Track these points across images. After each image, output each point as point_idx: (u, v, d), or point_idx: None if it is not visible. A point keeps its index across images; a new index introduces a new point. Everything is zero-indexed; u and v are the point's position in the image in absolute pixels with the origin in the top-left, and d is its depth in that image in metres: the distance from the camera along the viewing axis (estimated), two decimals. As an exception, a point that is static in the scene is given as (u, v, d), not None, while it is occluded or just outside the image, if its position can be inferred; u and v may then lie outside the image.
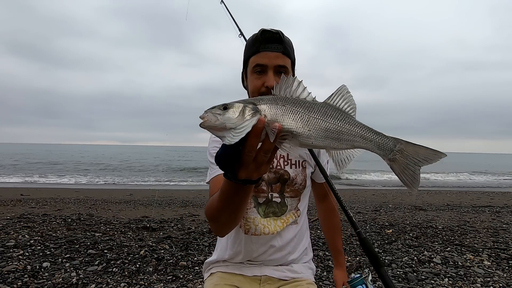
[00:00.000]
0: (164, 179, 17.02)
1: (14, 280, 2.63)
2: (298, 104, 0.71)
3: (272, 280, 1.26)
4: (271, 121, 0.68)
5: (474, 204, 7.91)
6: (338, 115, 0.73)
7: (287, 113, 0.70)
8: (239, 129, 0.66)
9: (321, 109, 0.72)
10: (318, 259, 3.35)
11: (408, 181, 0.73)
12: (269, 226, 1.24)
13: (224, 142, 0.66)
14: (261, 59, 1.17)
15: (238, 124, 0.66)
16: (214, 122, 0.68)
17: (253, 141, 0.67)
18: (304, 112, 0.70)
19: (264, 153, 0.69)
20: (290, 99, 0.72)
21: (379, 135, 0.74)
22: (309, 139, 0.70)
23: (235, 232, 1.26)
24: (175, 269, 3.02)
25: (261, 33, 1.18)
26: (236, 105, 0.69)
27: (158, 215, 5.64)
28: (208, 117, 0.68)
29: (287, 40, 1.20)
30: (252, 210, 1.24)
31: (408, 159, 0.73)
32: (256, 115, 0.67)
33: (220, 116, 0.67)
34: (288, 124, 0.69)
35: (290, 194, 1.27)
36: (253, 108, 0.69)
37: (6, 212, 5.47)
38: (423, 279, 2.87)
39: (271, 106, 0.70)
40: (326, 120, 0.71)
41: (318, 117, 0.71)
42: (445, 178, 20.38)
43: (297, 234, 1.30)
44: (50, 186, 12.39)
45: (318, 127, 0.71)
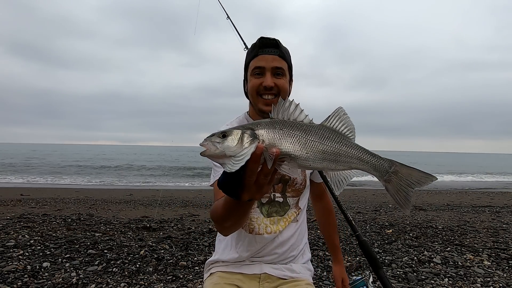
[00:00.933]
0: (164, 179, 17.02)
1: (14, 280, 2.62)
2: (296, 127, 0.73)
3: (271, 279, 1.27)
4: (269, 145, 0.70)
5: (474, 204, 7.91)
6: (335, 137, 0.75)
7: (284, 136, 0.72)
8: (239, 157, 0.67)
9: (318, 131, 0.74)
10: (318, 259, 3.35)
11: (402, 202, 0.76)
12: (272, 226, 1.27)
13: (225, 169, 0.68)
14: (259, 62, 1.25)
15: (237, 152, 0.68)
16: (214, 151, 0.70)
17: (253, 167, 0.69)
18: (302, 135, 0.72)
19: (264, 176, 0.72)
20: (288, 122, 0.74)
21: (375, 157, 0.76)
22: (307, 162, 0.72)
23: (237, 232, 1.29)
24: (175, 269, 3.02)
25: (259, 40, 1.27)
26: (235, 132, 0.70)
27: (158, 215, 5.64)
28: (208, 146, 0.70)
29: (283, 47, 1.29)
30: (255, 210, 1.28)
31: (402, 180, 0.76)
32: (255, 142, 0.69)
33: (219, 145, 0.69)
34: (286, 147, 0.71)
35: (291, 194, 1.31)
36: (251, 134, 0.71)
37: (6, 212, 5.47)
38: (423, 279, 2.87)
39: (269, 130, 0.72)
40: (323, 143, 0.73)
41: (315, 139, 0.73)
42: (445, 179, 20.38)
43: (296, 231, 1.34)
44: (50, 186, 12.39)
45: (315, 149, 0.73)
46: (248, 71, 1.30)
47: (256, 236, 1.26)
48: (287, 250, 1.31)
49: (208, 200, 7.93)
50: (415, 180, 0.76)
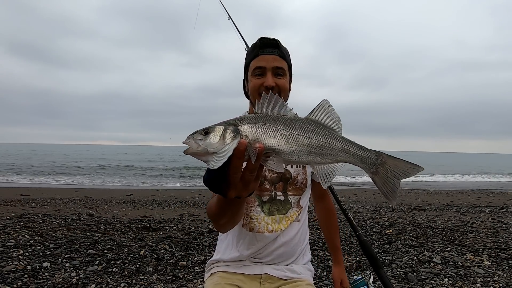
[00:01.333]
0: (164, 179, 17.02)
1: (14, 280, 2.62)
2: (279, 122, 0.72)
3: (272, 279, 1.27)
4: (253, 141, 0.69)
5: (474, 204, 7.91)
6: (319, 130, 0.73)
7: (268, 131, 0.70)
8: (221, 153, 0.66)
9: (302, 125, 0.73)
10: (318, 259, 3.35)
11: (389, 194, 0.75)
12: (273, 224, 1.28)
13: (209, 166, 0.67)
14: (260, 62, 1.25)
15: (220, 148, 0.66)
16: (196, 148, 0.68)
17: (237, 163, 0.68)
18: (286, 129, 0.71)
19: (250, 173, 0.70)
20: (271, 117, 0.72)
21: (361, 149, 0.75)
22: (292, 156, 0.71)
23: (238, 231, 1.29)
24: (175, 269, 3.02)
25: (259, 40, 1.28)
26: (217, 128, 0.69)
27: (158, 215, 5.64)
28: (190, 143, 0.69)
29: (283, 47, 1.30)
30: (256, 208, 1.28)
31: (389, 172, 0.75)
32: (237, 138, 0.68)
33: (202, 142, 0.68)
34: (269, 142, 0.70)
35: (292, 192, 1.32)
36: (234, 130, 0.69)
37: (6, 212, 5.47)
38: (423, 279, 2.87)
39: (252, 125, 0.70)
40: (308, 136, 0.72)
41: (299, 133, 0.72)
42: (445, 178, 20.38)
43: (299, 230, 1.34)
44: (50, 186, 12.40)
45: (300, 143, 0.71)
46: (249, 71, 1.31)
47: (257, 234, 1.26)
48: (289, 250, 1.30)
49: (208, 200, 7.93)
50: (401, 171, 0.75)
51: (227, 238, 1.35)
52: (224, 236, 1.37)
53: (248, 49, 1.37)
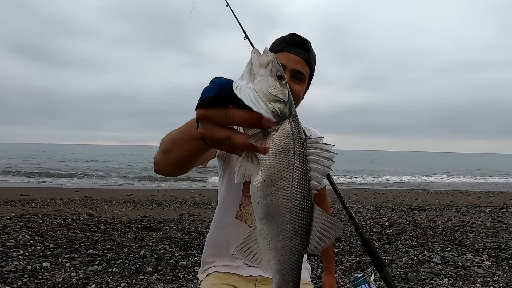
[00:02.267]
0: (164, 179, 17.01)
1: (14, 280, 2.62)
2: (305, 162, 0.54)
3: (268, 281, 1.26)
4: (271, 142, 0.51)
5: (474, 204, 7.91)
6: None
7: (290, 160, 0.52)
8: (256, 94, 0.49)
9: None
10: (318, 259, 3.35)
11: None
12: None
13: (235, 86, 0.49)
14: (282, 59, 1.14)
15: (264, 90, 0.50)
16: (257, 64, 0.52)
17: (245, 115, 0.49)
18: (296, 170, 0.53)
19: (230, 140, 0.51)
20: (309, 151, 0.55)
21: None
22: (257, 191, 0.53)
23: (231, 224, 1.26)
24: (175, 269, 3.02)
25: (290, 35, 1.17)
26: (287, 92, 0.53)
27: (158, 215, 5.64)
28: (264, 60, 0.53)
29: (312, 52, 1.20)
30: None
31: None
32: (284, 113, 0.51)
33: (266, 73, 0.52)
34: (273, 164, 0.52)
35: None
36: (289, 108, 0.53)
37: (6, 212, 5.47)
38: (423, 279, 2.87)
39: (297, 129, 0.54)
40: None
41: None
42: (445, 179, 20.37)
43: None
44: (50, 186, 12.39)
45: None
46: None
47: (247, 227, 1.23)
48: None
49: (208, 200, 7.93)
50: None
51: (219, 229, 1.31)
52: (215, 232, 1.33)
53: (276, 40, 1.24)
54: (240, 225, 1.25)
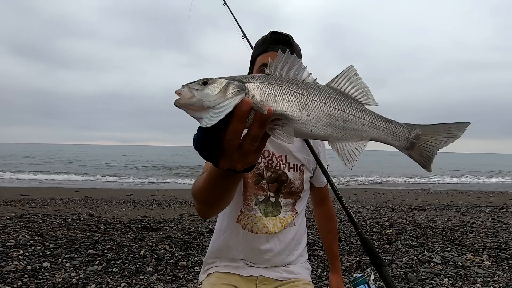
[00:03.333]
0: (164, 179, 17.02)
1: (14, 280, 2.62)
2: (296, 84, 0.60)
3: (268, 281, 1.26)
4: (261, 102, 0.57)
5: (474, 204, 7.90)
6: (343, 99, 0.62)
7: (281, 94, 0.58)
8: (218, 108, 0.54)
9: (323, 91, 0.61)
10: (318, 259, 3.35)
11: (424, 163, 0.66)
12: (268, 225, 1.24)
13: (201, 124, 0.55)
14: (267, 59, 1.11)
15: (218, 102, 0.55)
16: (189, 98, 0.56)
17: (236, 126, 0.55)
18: (303, 93, 0.59)
19: (250, 141, 0.57)
20: (286, 78, 0.61)
21: (391, 124, 0.64)
22: (308, 126, 0.59)
23: (231, 227, 1.26)
24: (175, 269, 3.02)
25: (271, 34, 1.19)
26: (219, 80, 0.57)
27: (158, 215, 5.64)
28: (184, 92, 0.57)
29: (296, 45, 1.21)
30: (253, 207, 1.24)
31: (426, 143, 0.65)
32: (241, 94, 0.56)
33: (198, 92, 0.56)
34: (282, 107, 0.58)
35: (285, 196, 1.27)
36: (239, 85, 0.57)
37: (6, 212, 5.47)
38: (423, 279, 2.87)
39: (263, 85, 0.58)
40: (329, 104, 0.60)
41: (319, 100, 0.60)
42: (445, 179, 20.38)
43: (294, 236, 1.30)
44: (50, 186, 12.39)
45: (319, 111, 0.59)
46: (255, 66, 1.23)
47: (249, 233, 1.24)
48: (285, 257, 1.28)
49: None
50: (444, 136, 0.65)
51: (220, 234, 1.31)
52: (217, 235, 1.33)
53: (257, 41, 1.27)
54: (240, 230, 1.25)
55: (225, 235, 1.28)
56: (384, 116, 0.64)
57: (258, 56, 1.22)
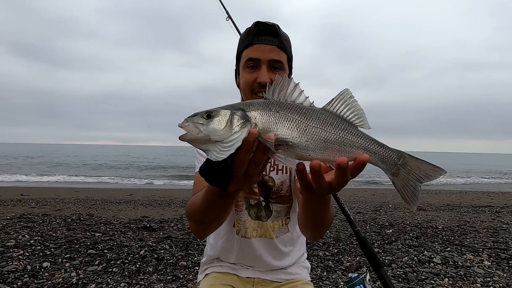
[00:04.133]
0: (164, 179, 17.01)
1: (14, 280, 2.62)
2: (294, 111, 0.64)
3: (266, 282, 1.25)
4: (263, 130, 0.61)
5: (474, 204, 7.90)
6: (339, 123, 0.65)
7: (281, 120, 0.62)
8: (227, 143, 0.56)
9: (320, 116, 0.64)
10: (318, 259, 3.35)
11: (409, 198, 0.69)
12: (259, 229, 1.20)
13: (210, 157, 0.57)
14: (253, 53, 1.08)
15: (226, 136, 0.57)
16: (196, 134, 0.58)
17: (244, 156, 0.59)
18: (301, 119, 0.63)
19: (255, 166, 0.61)
20: (285, 104, 0.64)
21: (383, 148, 0.67)
22: (307, 151, 0.63)
23: (227, 233, 1.24)
24: (175, 269, 3.02)
25: (255, 25, 1.08)
26: (223, 112, 0.60)
27: (158, 215, 5.64)
28: (189, 128, 0.59)
29: (283, 34, 1.11)
30: (244, 212, 1.21)
31: (410, 174, 0.69)
32: (247, 126, 0.58)
33: (204, 127, 0.58)
34: (283, 133, 0.62)
35: (276, 201, 1.21)
36: (243, 116, 0.60)
37: (6, 212, 5.47)
38: (423, 279, 2.87)
39: (263, 112, 0.62)
40: (327, 130, 0.64)
41: (317, 125, 0.63)
42: (445, 179, 20.37)
43: (290, 241, 1.26)
44: (50, 186, 12.39)
45: (317, 137, 0.63)
46: (241, 62, 1.13)
47: (243, 239, 1.21)
48: (280, 261, 1.25)
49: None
50: (423, 173, 0.69)
51: (216, 239, 1.29)
52: (215, 240, 1.30)
53: (242, 34, 1.16)
54: (235, 235, 1.23)
55: (223, 239, 1.26)
56: (376, 140, 0.68)
57: (243, 50, 1.11)
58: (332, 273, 3.02)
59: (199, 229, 0.92)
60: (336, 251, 3.61)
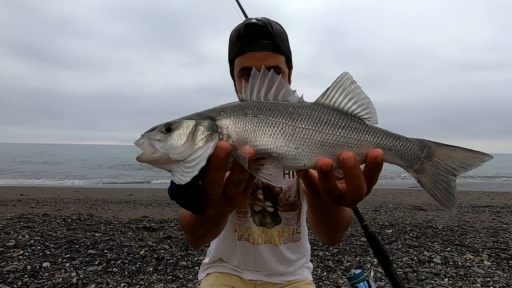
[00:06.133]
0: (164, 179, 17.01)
1: (14, 280, 2.62)
2: (277, 112, 0.50)
3: (268, 284, 1.24)
4: (239, 142, 0.48)
5: (474, 204, 7.90)
6: (337, 120, 0.51)
7: (261, 127, 0.49)
8: (190, 162, 0.45)
9: (312, 114, 0.51)
10: (318, 259, 3.35)
11: (443, 198, 0.54)
12: (264, 236, 1.19)
13: (173, 179, 0.47)
14: (247, 61, 0.99)
15: (187, 155, 0.46)
16: (151, 154, 0.47)
17: (215, 176, 0.47)
18: (287, 122, 0.50)
19: (235, 186, 0.50)
20: (265, 104, 0.51)
21: (399, 140, 0.53)
22: (299, 161, 0.50)
23: (230, 236, 1.23)
24: (175, 269, 3.02)
25: (245, 29, 0.98)
26: (185, 124, 0.48)
27: (158, 215, 5.64)
28: (143, 146, 0.48)
29: (276, 32, 0.99)
30: (248, 219, 1.18)
31: (439, 167, 0.54)
32: (213, 139, 0.47)
33: (160, 144, 0.47)
34: (263, 143, 0.49)
35: (284, 208, 1.16)
36: (209, 126, 0.48)
37: (6, 212, 5.47)
38: (423, 279, 2.87)
39: (238, 119, 0.49)
40: (321, 130, 0.50)
41: (308, 127, 0.50)
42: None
43: (297, 250, 1.24)
44: (50, 186, 12.39)
45: (310, 141, 0.50)
46: (235, 69, 1.05)
47: (246, 243, 1.19)
48: (284, 267, 1.23)
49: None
50: (458, 163, 0.54)
51: (219, 243, 1.28)
52: (217, 243, 1.28)
53: (231, 37, 1.05)
54: (237, 240, 1.22)
55: (226, 243, 1.25)
56: (389, 132, 0.54)
57: (235, 58, 1.02)
58: (332, 273, 3.02)
59: (194, 241, 0.86)
60: (336, 251, 3.61)
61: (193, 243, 0.88)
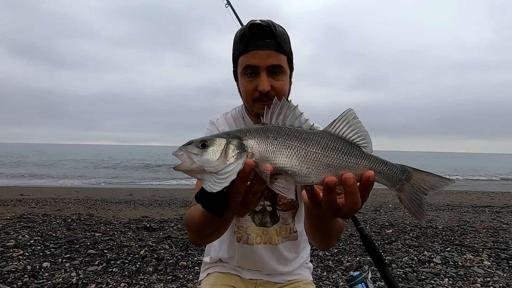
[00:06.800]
0: (164, 179, 17.01)
1: (14, 280, 2.62)
2: (293, 137, 0.62)
3: (268, 284, 1.25)
4: (261, 160, 0.59)
5: (474, 204, 7.90)
6: (341, 147, 0.64)
7: (279, 148, 0.60)
8: (222, 175, 0.56)
9: (321, 141, 0.63)
10: (318, 259, 3.35)
11: (416, 211, 0.68)
12: (263, 235, 1.20)
13: (205, 187, 0.57)
14: (251, 60, 1.03)
15: (220, 168, 0.56)
16: (189, 165, 0.57)
17: (240, 187, 0.58)
18: (301, 146, 0.61)
19: (252, 195, 0.61)
20: (283, 129, 0.62)
21: (387, 165, 0.66)
22: (309, 178, 0.61)
23: (229, 238, 1.23)
24: (175, 269, 3.02)
25: (249, 29, 1.03)
26: (218, 141, 0.58)
27: (158, 215, 5.64)
28: (182, 158, 0.57)
29: (280, 33, 1.05)
30: (247, 218, 1.19)
31: (414, 187, 0.68)
32: (242, 157, 0.57)
33: (197, 158, 0.57)
34: (281, 162, 0.60)
35: (282, 208, 1.20)
36: (238, 145, 0.58)
37: (6, 212, 5.47)
38: (423, 279, 2.87)
39: (261, 140, 0.60)
40: (328, 155, 0.62)
41: (317, 151, 0.62)
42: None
43: (294, 249, 1.25)
44: (50, 186, 12.39)
45: (319, 163, 0.61)
46: (238, 68, 1.09)
47: (244, 245, 1.20)
48: (283, 266, 1.24)
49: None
50: (429, 185, 0.68)
51: (217, 243, 1.28)
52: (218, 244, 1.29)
53: (236, 36, 1.10)
54: (235, 241, 1.22)
55: (226, 244, 1.26)
56: (379, 158, 0.66)
57: (239, 56, 1.07)
58: (332, 273, 3.03)
59: (197, 240, 0.93)
60: (336, 251, 3.61)
61: (197, 242, 0.94)
